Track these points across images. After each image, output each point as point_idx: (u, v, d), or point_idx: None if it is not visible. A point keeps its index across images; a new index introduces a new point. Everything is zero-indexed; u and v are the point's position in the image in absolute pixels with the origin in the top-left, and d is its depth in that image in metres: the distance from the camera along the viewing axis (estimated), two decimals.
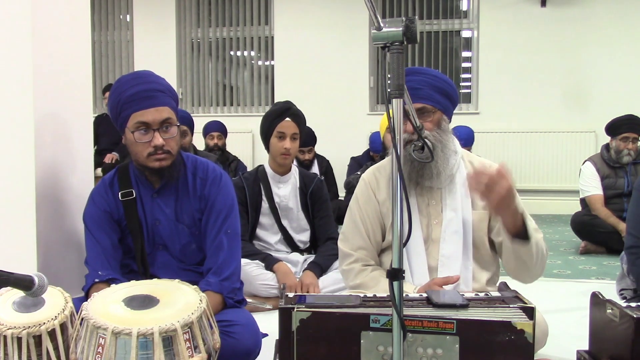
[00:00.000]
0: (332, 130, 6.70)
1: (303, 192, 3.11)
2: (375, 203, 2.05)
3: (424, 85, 1.95)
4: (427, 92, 1.95)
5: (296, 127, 3.02)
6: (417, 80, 1.95)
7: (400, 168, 1.23)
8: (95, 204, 2.02)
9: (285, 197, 3.08)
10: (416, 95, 1.92)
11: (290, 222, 3.10)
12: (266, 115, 3.07)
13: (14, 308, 1.55)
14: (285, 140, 2.98)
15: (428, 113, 1.95)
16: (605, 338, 1.63)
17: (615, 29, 6.50)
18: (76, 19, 2.47)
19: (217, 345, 1.58)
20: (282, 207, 3.07)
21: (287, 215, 3.08)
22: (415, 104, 1.91)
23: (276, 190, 3.08)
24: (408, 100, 1.46)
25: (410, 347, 1.38)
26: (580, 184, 4.58)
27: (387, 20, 1.24)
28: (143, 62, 7.26)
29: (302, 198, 3.10)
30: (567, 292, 3.16)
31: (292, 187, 3.11)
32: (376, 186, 2.07)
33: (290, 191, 3.10)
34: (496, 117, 6.78)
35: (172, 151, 1.94)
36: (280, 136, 2.99)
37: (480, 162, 2.08)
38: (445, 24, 7.09)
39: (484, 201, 1.81)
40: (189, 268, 2.04)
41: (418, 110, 1.93)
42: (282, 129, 2.98)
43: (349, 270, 2.05)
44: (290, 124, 3.00)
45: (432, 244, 1.98)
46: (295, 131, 3.02)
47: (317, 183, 3.14)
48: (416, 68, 2.06)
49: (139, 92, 1.88)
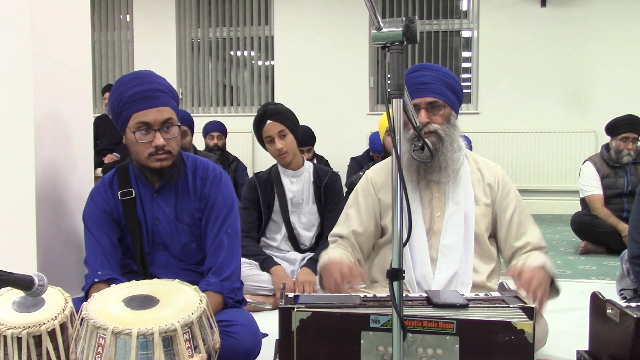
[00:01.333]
0: (332, 130, 6.70)
1: (317, 185, 3.12)
2: (374, 200, 2.08)
3: (436, 80, 1.99)
4: (439, 87, 1.98)
5: (279, 124, 3.01)
6: (429, 76, 1.98)
7: (400, 168, 1.24)
8: (94, 203, 2.02)
9: (299, 191, 3.10)
10: (428, 90, 1.96)
11: (299, 218, 3.10)
12: (252, 125, 3.11)
13: (14, 308, 1.55)
14: (274, 142, 3.00)
15: (439, 107, 1.99)
16: (605, 338, 1.63)
17: (615, 29, 6.50)
18: (76, 19, 2.47)
19: (217, 345, 1.58)
20: (295, 202, 3.09)
21: (299, 210, 3.09)
22: (427, 97, 1.96)
23: (289, 186, 3.10)
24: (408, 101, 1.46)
25: (410, 347, 1.38)
26: (580, 184, 4.58)
27: (387, 20, 1.24)
28: (143, 62, 7.26)
29: (316, 192, 3.11)
30: (567, 292, 3.15)
31: (306, 182, 3.12)
32: (377, 183, 2.09)
33: (304, 185, 3.12)
34: (496, 117, 6.77)
35: (173, 151, 1.94)
36: (270, 140, 3.01)
37: (484, 162, 2.13)
38: (445, 24, 7.09)
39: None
40: (189, 268, 2.03)
41: (430, 103, 1.97)
42: (267, 133, 3.00)
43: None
44: (272, 125, 2.99)
45: (434, 235, 2.00)
46: (280, 129, 3.00)
47: (331, 176, 3.16)
48: (427, 64, 2.10)
49: (140, 92, 1.88)
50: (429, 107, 1.97)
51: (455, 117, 2.04)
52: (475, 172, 2.08)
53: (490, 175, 2.09)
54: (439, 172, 1.98)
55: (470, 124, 6.60)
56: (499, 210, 2.05)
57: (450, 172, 1.99)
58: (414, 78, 1.98)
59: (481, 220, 2.02)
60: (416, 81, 1.97)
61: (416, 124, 1.74)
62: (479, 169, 2.09)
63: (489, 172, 2.10)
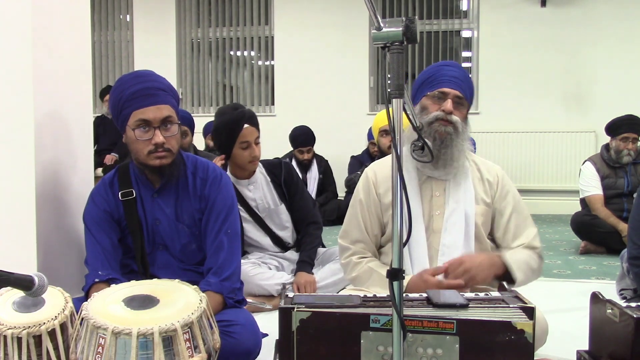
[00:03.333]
0: (332, 130, 6.70)
1: (276, 183, 3.00)
2: (375, 197, 2.08)
3: (464, 79, 2.04)
4: (467, 86, 2.03)
5: (256, 130, 2.87)
6: (460, 73, 2.03)
7: (400, 168, 1.24)
8: (95, 203, 2.02)
9: (261, 197, 2.98)
10: (458, 85, 2.00)
11: (273, 220, 3.02)
12: (220, 126, 2.88)
13: (14, 308, 1.55)
14: (250, 148, 2.85)
15: (462, 104, 2.02)
16: (605, 338, 1.63)
17: (615, 29, 6.50)
18: (76, 19, 2.47)
19: (217, 345, 1.59)
20: (262, 209, 2.98)
21: (269, 215, 3.00)
22: (456, 90, 1.99)
23: (248, 194, 2.97)
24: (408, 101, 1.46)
25: (410, 347, 1.38)
26: (580, 184, 4.58)
27: (387, 20, 1.24)
28: (143, 62, 7.25)
29: (277, 190, 3.00)
30: (567, 292, 3.16)
31: (263, 185, 3.01)
32: (377, 181, 2.09)
33: (263, 190, 2.99)
34: (496, 117, 6.77)
35: (173, 149, 1.94)
36: (245, 146, 2.84)
37: (483, 162, 2.14)
38: (445, 24, 7.09)
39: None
40: (189, 268, 2.04)
41: (457, 97, 2.00)
42: (245, 138, 2.83)
43: (347, 263, 2.08)
44: (250, 130, 2.85)
45: (433, 234, 2.00)
46: (257, 134, 2.87)
47: (285, 169, 3.02)
48: (456, 63, 2.14)
49: (140, 90, 1.89)
50: (455, 100, 1.99)
51: (468, 117, 2.07)
52: (475, 172, 2.08)
53: (489, 174, 2.09)
54: (444, 167, 1.98)
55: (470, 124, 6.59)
56: (497, 209, 2.05)
57: (454, 168, 2.00)
58: (444, 70, 2.01)
59: (481, 219, 2.02)
60: (448, 73, 2.00)
61: (416, 124, 1.73)
62: (478, 169, 2.10)
63: (488, 171, 2.10)
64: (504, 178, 2.10)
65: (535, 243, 2.03)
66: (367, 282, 2.00)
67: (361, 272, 2.02)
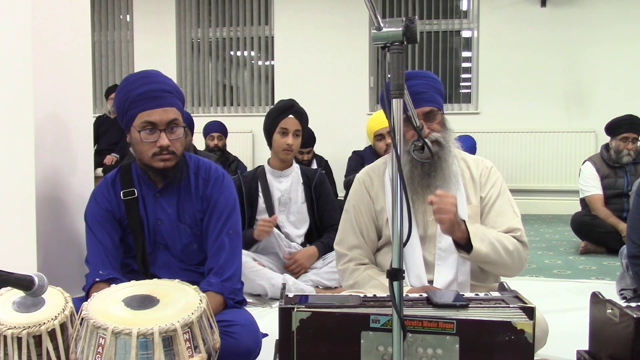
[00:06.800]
0: (332, 130, 6.70)
1: (307, 185, 3.17)
2: (368, 201, 2.07)
3: (428, 88, 1.98)
4: (432, 95, 1.98)
5: (299, 124, 3.09)
6: (422, 84, 1.97)
7: (400, 168, 1.24)
8: (97, 202, 2.02)
9: (287, 190, 3.14)
10: (423, 99, 1.95)
11: (288, 216, 3.13)
12: (270, 112, 3.16)
13: (14, 308, 1.55)
14: (287, 136, 3.06)
15: (435, 115, 1.98)
16: (605, 338, 1.63)
17: (615, 29, 6.50)
18: (76, 19, 2.47)
19: (217, 345, 1.59)
20: (283, 201, 3.12)
21: (288, 209, 3.12)
22: (424, 107, 1.95)
23: (277, 185, 3.14)
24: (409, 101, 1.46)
25: (410, 347, 1.38)
26: (580, 184, 4.58)
27: (387, 20, 1.24)
28: (143, 62, 7.26)
29: (306, 192, 3.16)
30: (567, 292, 3.16)
31: (294, 181, 3.17)
32: (370, 185, 2.09)
33: (292, 184, 3.16)
34: (496, 117, 6.77)
35: (177, 152, 1.94)
36: (283, 132, 3.07)
37: (473, 159, 2.11)
38: (445, 24, 7.09)
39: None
40: (190, 268, 2.03)
41: (427, 113, 1.96)
42: (285, 125, 3.06)
43: (344, 270, 2.07)
44: (293, 121, 3.08)
45: (428, 240, 2.00)
46: (298, 128, 3.09)
47: (319, 176, 3.22)
48: (417, 72, 2.07)
49: (147, 91, 1.88)
50: (426, 117, 1.96)
51: (444, 117, 2.03)
52: (465, 171, 2.07)
53: (477, 169, 2.07)
54: (436, 178, 1.96)
55: (470, 124, 6.60)
56: (483, 199, 2.04)
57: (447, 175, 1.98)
58: (407, 88, 1.97)
59: (474, 220, 2.00)
60: (410, 91, 1.95)
61: (416, 124, 1.73)
62: (468, 167, 2.08)
63: (477, 167, 2.08)
64: (492, 170, 2.07)
65: (515, 229, 1.97)
66: (365, 289, 1.99)
67: (359, 279, 2.01)
